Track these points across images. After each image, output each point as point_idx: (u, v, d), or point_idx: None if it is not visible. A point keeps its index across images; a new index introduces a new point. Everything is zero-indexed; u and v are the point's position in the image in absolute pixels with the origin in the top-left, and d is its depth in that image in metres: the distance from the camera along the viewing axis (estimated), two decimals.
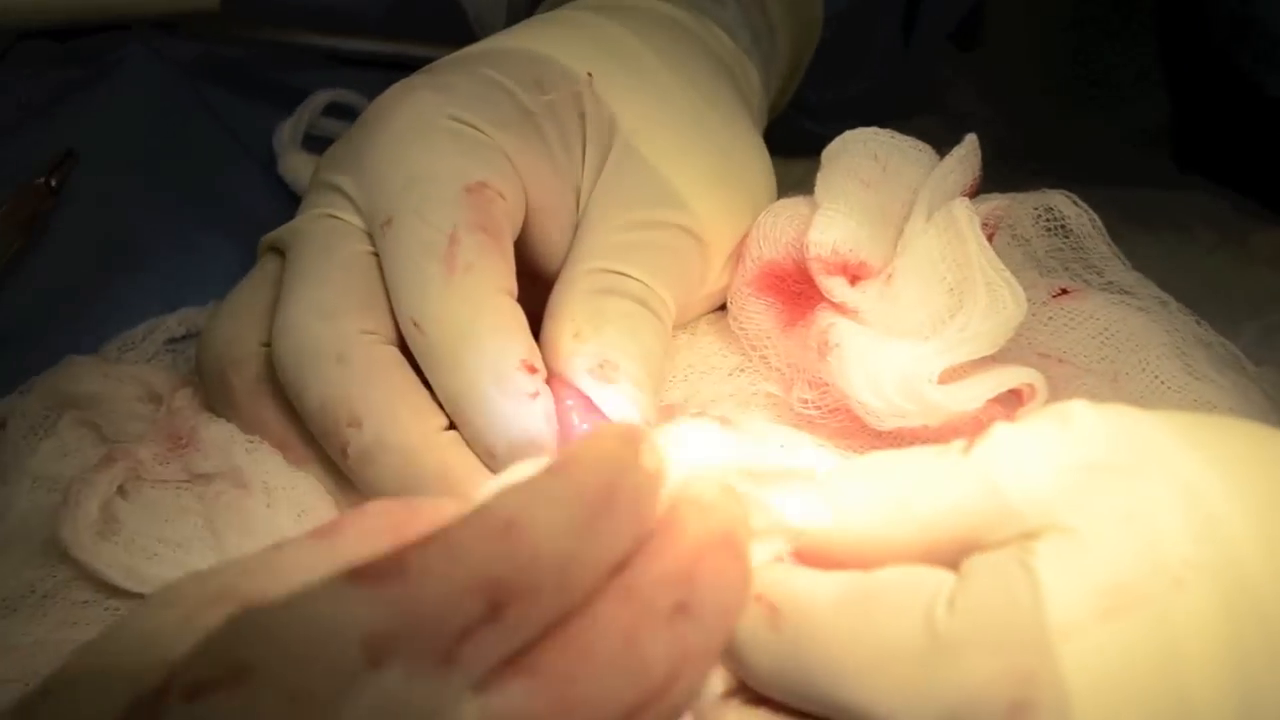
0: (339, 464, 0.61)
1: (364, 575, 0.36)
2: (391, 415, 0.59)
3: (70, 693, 0.37)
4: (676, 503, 0.46)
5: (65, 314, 0.76)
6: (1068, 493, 0.45)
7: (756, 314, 0.68)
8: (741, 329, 0.69)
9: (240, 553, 0.60)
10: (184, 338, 0.74)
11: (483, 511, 0.39)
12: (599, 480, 0.42)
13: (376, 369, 0.60)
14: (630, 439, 0.44)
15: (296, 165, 0.85)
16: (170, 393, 0.68)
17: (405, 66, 0.71)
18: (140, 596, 0.60)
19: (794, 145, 0.80)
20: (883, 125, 0.69)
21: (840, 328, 0.63)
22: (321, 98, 0.89)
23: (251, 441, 0.63)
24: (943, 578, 0.45)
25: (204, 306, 0.74)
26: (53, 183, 0.77)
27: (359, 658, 0.35)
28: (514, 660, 0.39)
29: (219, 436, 0.63)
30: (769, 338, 0.68)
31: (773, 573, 0.50)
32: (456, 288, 0.60)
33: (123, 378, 0.69)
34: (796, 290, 0.67)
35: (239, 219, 0.75)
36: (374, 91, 0.69)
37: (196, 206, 0.83)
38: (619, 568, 0.42)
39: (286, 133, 0.87)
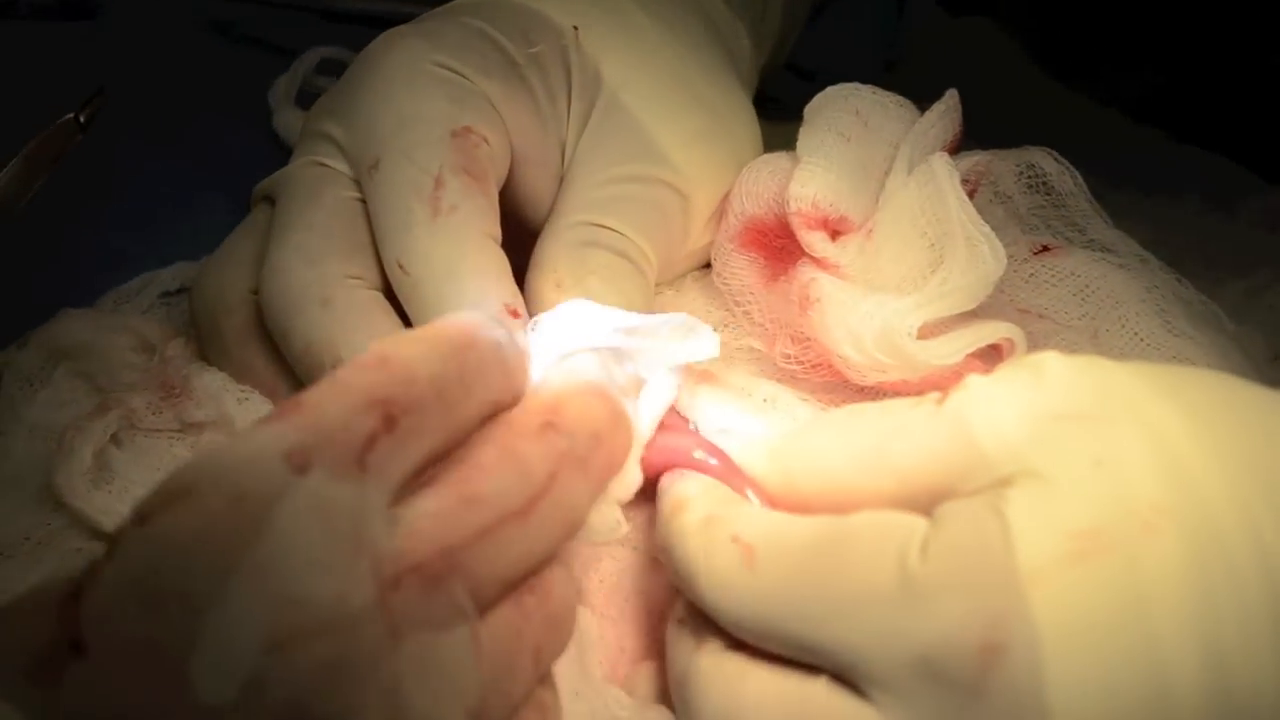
0: None
1: (272, 416, 0.43)
2: None
3: None
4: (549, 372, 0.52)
5: (61, 268, 0.77)
6: (1039, 440, 0.46)
7: (740, 269, 0.69)
8: (725, 284, 0.70)
9: None
10: (178, 291, 0.74)
11: (357, 356, 0.46)
12: (460, 328, 0.49)
13: (360, 312, 0.61)
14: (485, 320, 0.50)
15: (290, 121, 0.86)
16: (163, 343, 0.69)
17: (398, 24, 0.72)
18: None
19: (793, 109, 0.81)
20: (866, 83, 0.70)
21: (821, 283, 0.63)
22: (315, 55, 0.89)
23: (243, 391, 0.64)
24: (916, 523, 0.46)
25: (198, 261, 0.75)
26: (81, 119, 0.77)
27: (283, 467, 0.41)
28: (417, 478, 0.46)
29: (211, 386, 0.64)
30: (752, 293, 0.69)
31: (749, 515, 0.51)
32: (440, 229, 0.60)
33: (117, 328, 0.69)
34: (779, 245, 0.67)
35: (234, 174, 0.75)
36: None
37: (192, 162, 0.84)
38: (494, 411, 0.50)
39: (281, 89, 0.88)
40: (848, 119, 0.67)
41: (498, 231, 0.62)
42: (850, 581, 0.46)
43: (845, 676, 0.47)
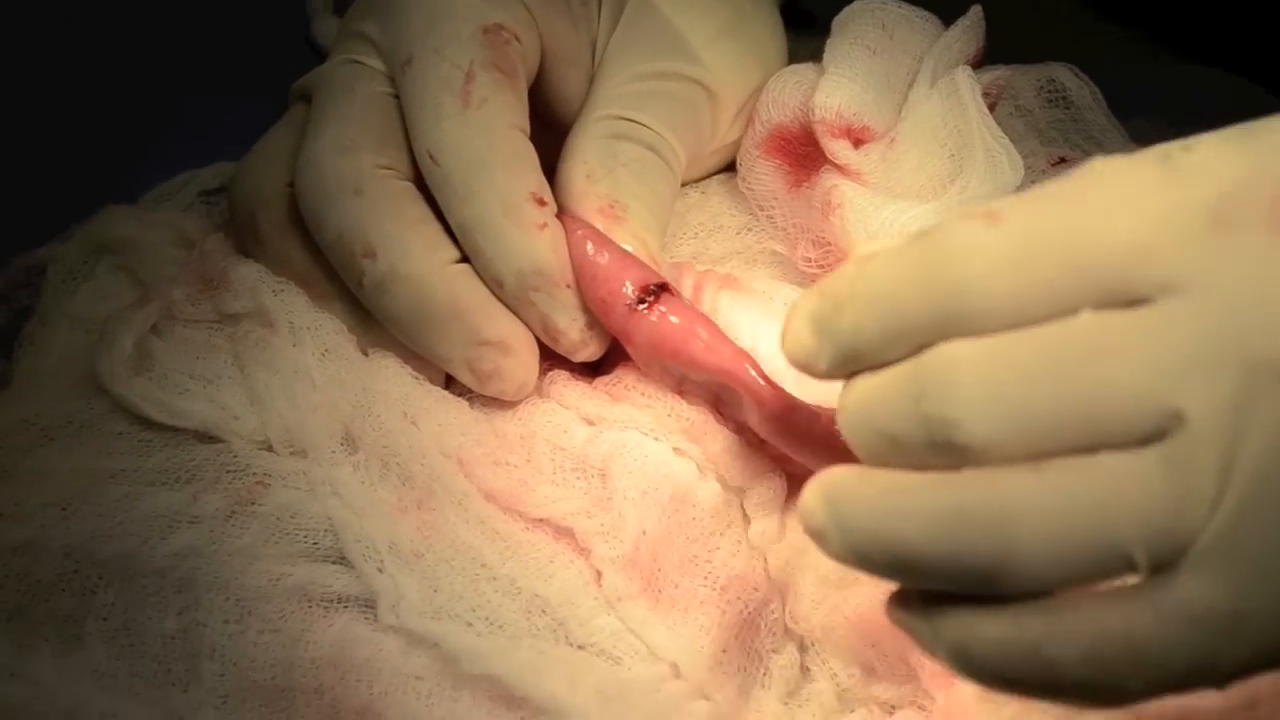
0: (356, 294, 0.64)
1: None
2: (404, 246, 0.62)
3: None
4: None
5: (104, 167, 0.79)
6: None
7: (764, 175, 0.70)
8: (749, 189, 0.71)
9: (267, 389, 0.63)
10: (217, 189, 0.76)
11: None
12: None
13: (391, 202, 0.63)
14: None
15: (328, 29, 0.87)
16: (202, 238, 0.70)
17: None
18: (172, 429, 0.63)
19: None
20: None
21: (843, 189, 0.65)
22: None
23: (279, 283, 0.65)
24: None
25: (236, 160, 0.76)
26: None
27: None
28: None
29: (248, 278, 0.65)
30: (776, 198, 0.70)
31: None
32: (471, 120, 0.62)
33: (157, 224, 0.71)
34: (803, 153, 0.69)
35: (272, 81, 0.77)
36: None
37: (232, 68, 0.86)
38: None
39: None
40: (874, 32, 0.69)
41: (526, 125, 0.64)
42: (1110, 189, 0.44)
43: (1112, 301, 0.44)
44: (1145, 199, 0.44)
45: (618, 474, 0.61)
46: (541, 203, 0.62)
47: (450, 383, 0.66)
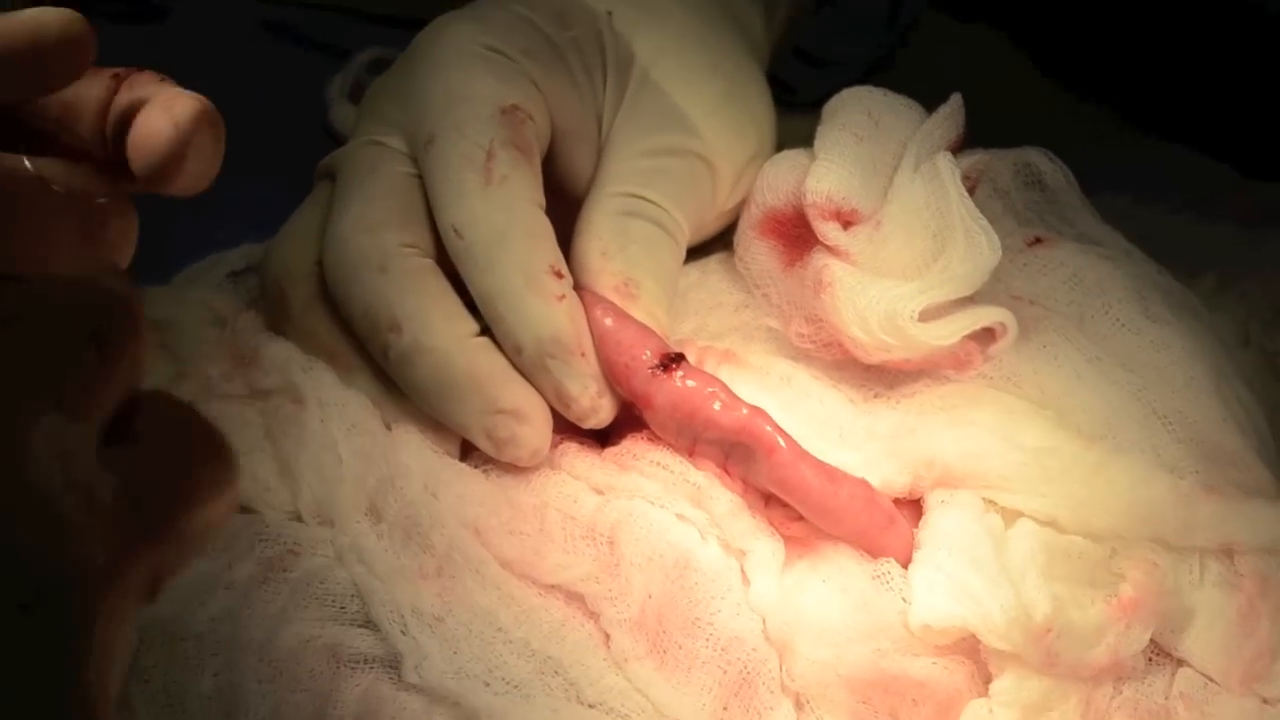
0: (381, 365, 0.67)
1: None
2: (427, 320, 0.65)
3: None
4: None
5: (137, 252, 0.82)
6: None
7: (760, 255, 0.73)
8: (746, 269, 0.74)
9: (296, 462, 0.66)
10: (244, 270, 0.79)
11: None
12: None
13: (415, 278, 0.66)
14: None
15: (345, 116, 0.90)
16: (234, 317, 0.73)
17: None
18: None
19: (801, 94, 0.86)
20: (877, 84, 0.74)
21: (833, 269, 0.68)
22: (368, 54, 0.94)
23: (308, 361, 0.68)
24: None
25: (262, 243, 0.78)
26: None
27: None
28: None
29: (279, 356, 0.68)
30: (771, 277, 0.73)
31: None
32: (493, 196, 0.66)
33: (192, 304, 0.74)
34: (796, 234, 0.72)
35: (291, 168, 0.80)
36: None
37: (254, 154, 0.89)
38: None
39: (336, 86, 0.92)
40: (860, 119, 0.71)
41: (543, 199, 0.68)
42: None
43: None
44: None
45: (624, 541, 0.64)
46: (560, 275, 0.66)
47: (467, 451, 0.69)
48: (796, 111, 0.80)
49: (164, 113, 0.49)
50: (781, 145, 0.77)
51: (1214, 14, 0.97)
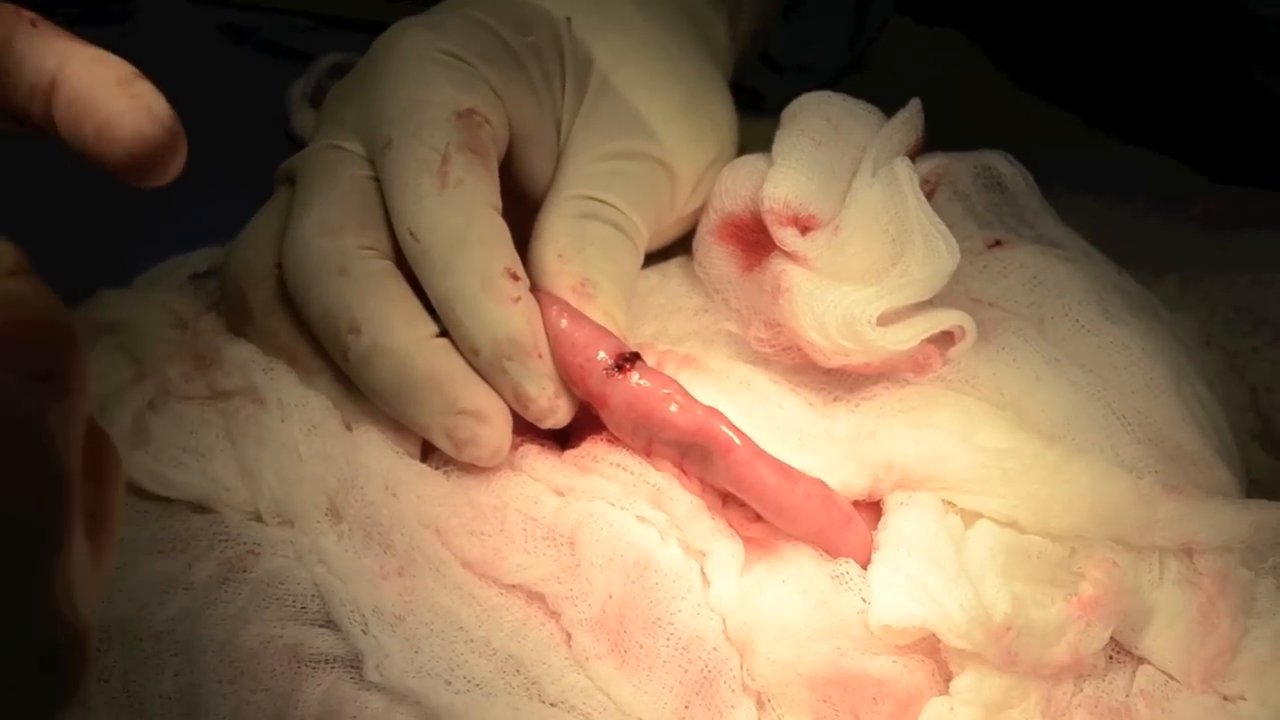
0: (341, 367, 0.67)
1: None
2: (386, 322, 0.65)
3: None
4: None
5: (96, 255, 0.82)
6: None
7: (719, 260, 0.74)
8: (705, 274, 0.74)
9: (256, 462, 0.66)
10: (206, 273, 0.78)
11: None
12: None
13: (374, 281, 0.67)
14: None
15: (306, 121, 0.90)
16: (195, 318, 0.72)
17: None
18: (167, 500, 0.66)
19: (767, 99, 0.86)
20: (844, 89, 0.75)
21: (791, 274, 0.68)
22: (328, 60, 0.94)
23: (269, 361, 0.68)
24: None
25: (222, 245, 0.78)
26: None
27: None
28: None
29: (239, 357, 0.68)
30: (730, 282, 0.74)
31: None
32: (449, 199, 0.66)
33: (152, 305, 0.73)
34: (754, 239, 0.72)
35: (253, 172, 0.80)
36: None
37: (214, 159, 0.89)
38: None
39: (297, 92, 0.93)
40: (819, 124, 0.72)
41: (499, 202, 0.68)
42: None
43: None
44: None
45: (585, 542, 0.64)
46: (516, 277, 0.66)
47: (429, 452, 0.69)
48: (766, 117, 0.80)
49: (144, 111, 0.49)
50: (746, 150, 0.77)
51: (1179, 16, 0.97)
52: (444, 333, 0.67)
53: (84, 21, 0.99)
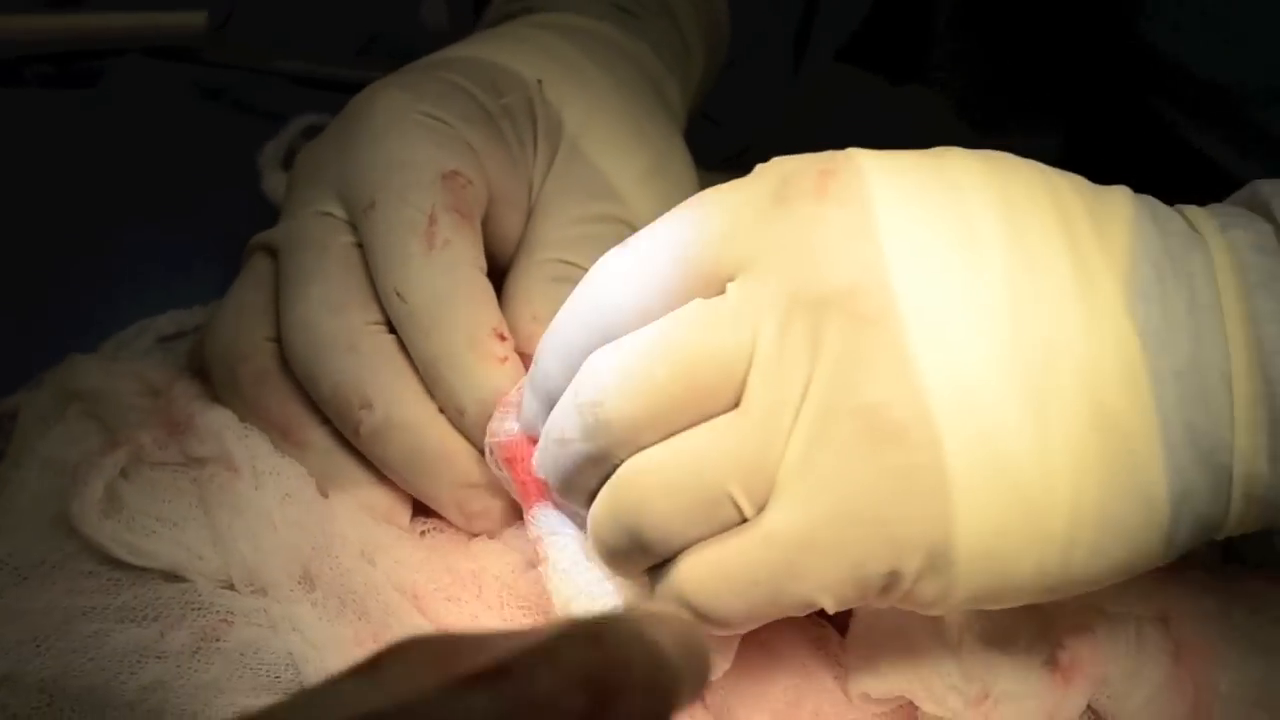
0: (353, 442, 0.67)
1: (475, 679, 0.32)
2: (399, 396, 0.66)
3: None
4: None
5: (62, 316, 0.81)
6: None
7: None
8: None
9: (230, 530, 0.65)
10: (174, 336, 0.78)
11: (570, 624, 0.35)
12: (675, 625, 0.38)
13: (383, 356, 0.67)
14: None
15: (278, 184, 0.89)
16: (167, 385, 0.72)
17: None
18: (139, 570, 0.65)
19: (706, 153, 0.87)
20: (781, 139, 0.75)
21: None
22: (302, 121, 0.93)
23: (244, 428, 0.67)
24: None
25: (189, 308, 0.79)
26: None
27: None
28: None
29: (213, 423, 0.67)
30: None
31: None
32: (436, 261, 0.66)
33: (122, 374, 0.73)
34: None
35: (223, 234, 0.80)
36: None
37: (183, 221, 0.88)
38: None
39: (269, 154, 0.92)
40: None
41: (484, 263, 0.69)
42: (710, 197, 0.57)
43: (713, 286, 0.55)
44: (730, 196, 0.56)
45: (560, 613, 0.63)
46: (502, 338, 0.67)
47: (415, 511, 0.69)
48: (713, 170, 0.81)
49: None
50: None
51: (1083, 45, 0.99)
52: None
53: (55, 83, 1.00)
